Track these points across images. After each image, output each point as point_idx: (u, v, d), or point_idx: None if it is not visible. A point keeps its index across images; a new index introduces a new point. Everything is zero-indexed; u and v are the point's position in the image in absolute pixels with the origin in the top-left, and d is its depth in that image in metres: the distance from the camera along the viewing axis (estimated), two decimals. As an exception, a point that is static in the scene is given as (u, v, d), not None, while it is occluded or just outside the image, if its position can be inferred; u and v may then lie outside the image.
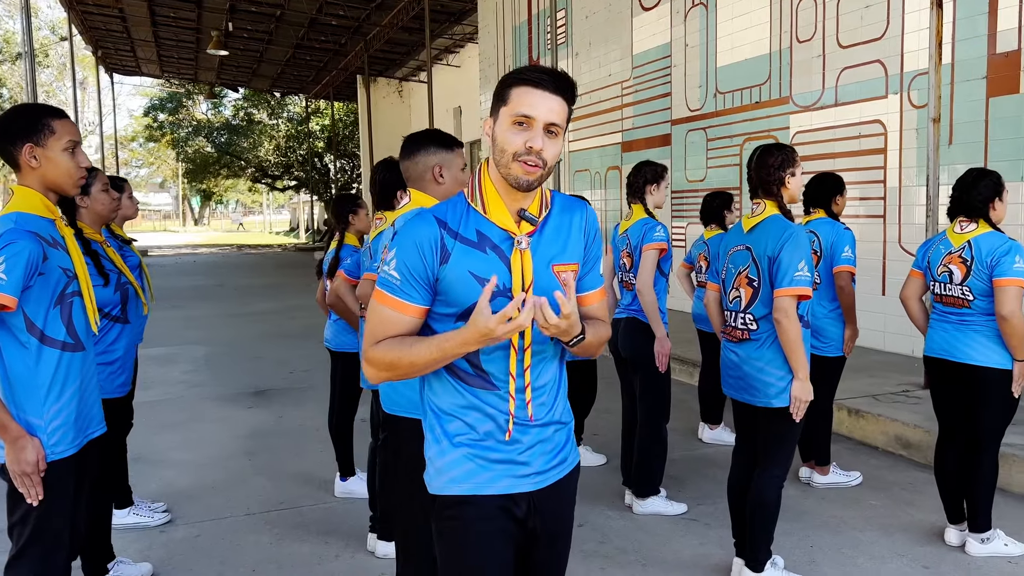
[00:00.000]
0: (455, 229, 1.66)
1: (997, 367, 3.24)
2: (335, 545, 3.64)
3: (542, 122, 1.61)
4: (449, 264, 1.64)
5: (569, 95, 1.66)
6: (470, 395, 1.68)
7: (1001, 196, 3.31)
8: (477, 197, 1.70)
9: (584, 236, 1.78)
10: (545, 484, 1.74)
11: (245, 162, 34.82)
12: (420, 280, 1.64)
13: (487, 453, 1.69)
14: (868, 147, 6.95)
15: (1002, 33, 5.78)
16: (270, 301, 13.50)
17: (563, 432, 1.79)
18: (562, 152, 1.65)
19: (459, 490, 1.69)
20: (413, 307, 1.65)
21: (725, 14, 8.71)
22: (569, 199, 1.81)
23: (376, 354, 1.65)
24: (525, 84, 1.63)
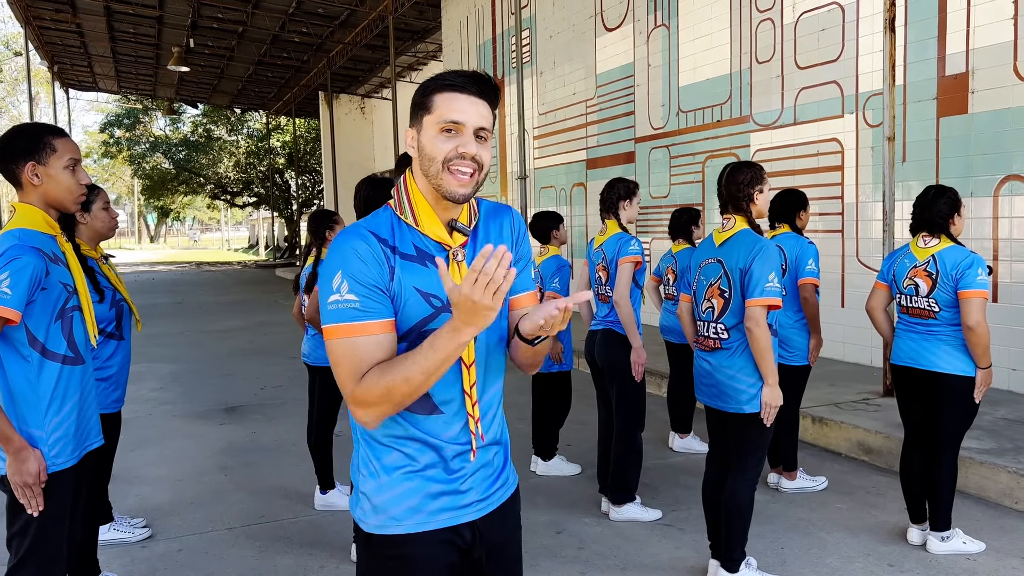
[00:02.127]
0: (392, 243, 1.55)
1: (961, 374, 3.42)
2: (319, 556, 3.68)
3: (472, 127, 1.53)
4: (393, 281, 1.52)
5: (493, 99, 1.57)
6: (409, 424, 1.55)
7: (959, 211, 3.51)
8: (407, 210, 1.58)
9: (513, 238, 1.69)
10: (488, 510, 1.64)
11: (204, 178, 34.45)
12: (380, 290, 1.50)
13: (428, 486, 1.57)
14: (826, 164, 7.22)
15: (951, 56, 6.08)
16: (235, 318, 13.40)
17: (501, 453, 1.69)
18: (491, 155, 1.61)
19: (400, 529, 1.56)
20: (383, 323, 1.49)
21: (686, 35, 8.97)
22: (494, 204, 1.72)
23: (365, 390, 1.46)
24: (450, 90, 1.53)
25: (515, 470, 1.76)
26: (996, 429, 4.83)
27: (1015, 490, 4.08)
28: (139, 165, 34.34)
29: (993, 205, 5.86)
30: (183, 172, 34.08)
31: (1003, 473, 4.14)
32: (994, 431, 4.79)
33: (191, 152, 33.64)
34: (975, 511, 4.05)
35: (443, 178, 1.52)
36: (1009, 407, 5.37)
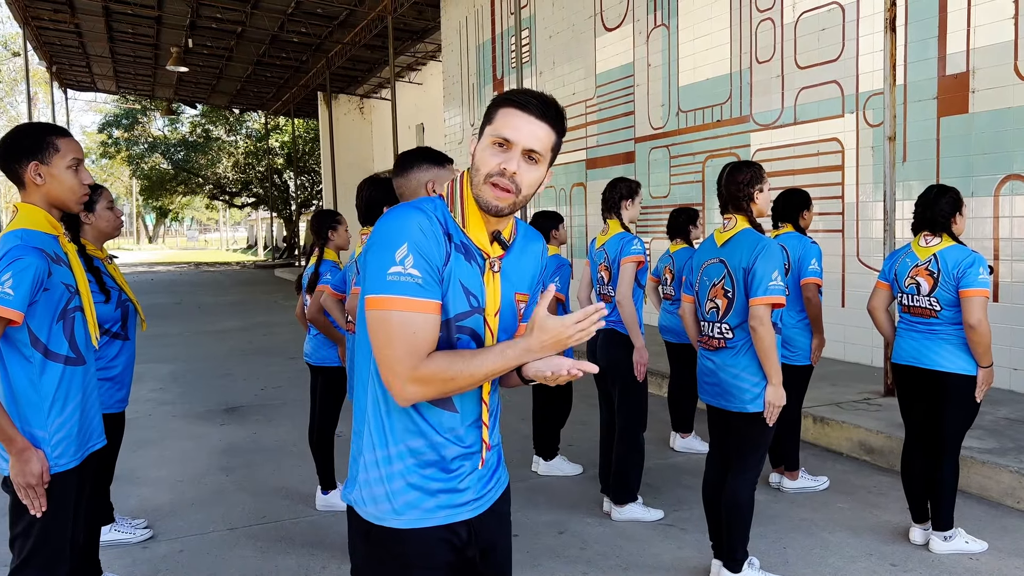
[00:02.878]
0: (448, 230, 1.56)
1: (963, 373, 3.42)
2: (321, 557, 3.67)
3: (521, 146, 1.52)
4: (448, 267, 1.52)
5: (557, 124, 1.56)
6: (420, 416, 1.56)
7: (961, 211, 3.51)
8: (458, 209, 1.58)
9: (539, 269, 1.73)
10: (482, 509, 1.66)
11: (203, 179, 34.44)
12: (439, 270, 1.50)
13: (427, 483, 1.58)
14: (826, 164, 7.22)
15: (951, 56, 6.09)
16: (234, 319, 13.38)
17: (495, 453, 1.72)
18: (540, 179, 1.58)
19: (398, 523, 1.57)
20: (438, 304, 1.50)
21: (686, 35, 8.97)
22: (530, 229, 1.75)
23: (432, 371, 1.47)
24: (511, 106, 1.54)
25: (506, 468, 1.78)
26: (998, 429, 4.83)
27: (1017, 490, 4.08)
28: (137, 165, 34.33)
29: (994, 205, 5.86)
30: (182, 172, 34.07)
31: (1005, 473, 4.14)
32: (996, 431, 4.79)
33: (190, 152, 33.63)
34: (977, 511, 4.05)
35: (482, 189, 1.54)
36: (1011, 407, 5.37)
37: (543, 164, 1.57)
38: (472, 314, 1.55)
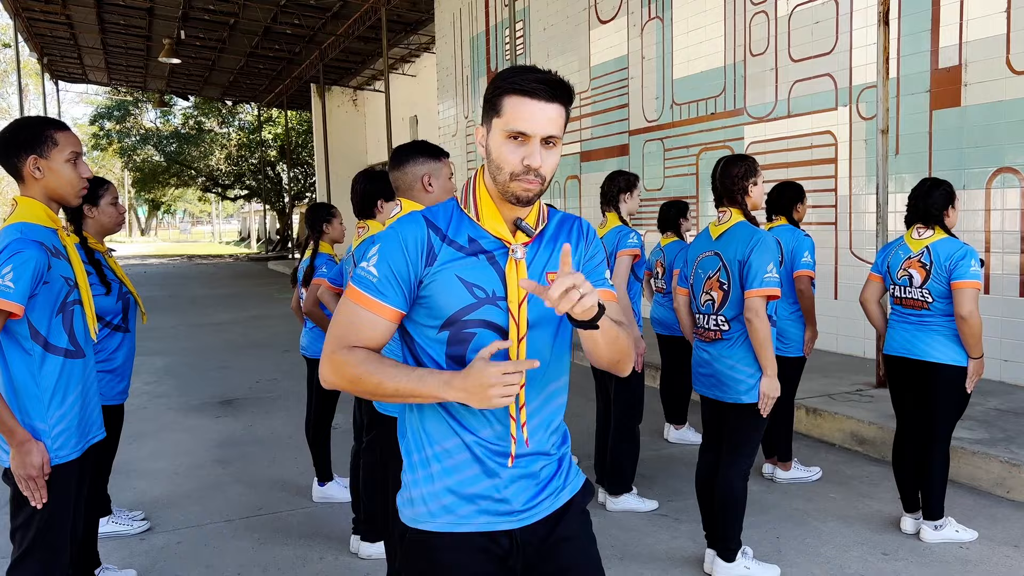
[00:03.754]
0: (444, 232, 1.57)
1: (954, 364, 3.46)
2: (318, 548, 3.70)
3: (539, 136, 1.50)
4: (435, 267, 1.54)
5: (566, 99, 1.54)
6: (451, 417, 1.56)
7: (954, 204, 3.54)
8: (471, 204, 1.60)
9: (582, 242, 1.67)
10: (528, 522, 1.59)
11: (195, 171, 34.31)
12: (401, 280, 1.53)
13: (463, 487, 1.56)
14: (819, 157, 7.25)
15: (944, 49, 6.11)
16: (229, 311, 13.37)
17: (552, 465, 1.64)
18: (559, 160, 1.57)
19: (433, 526, 1.56)
20: (389, 309, 1.53)
21: (681, 28, 8.98)
22: (567, 216, 1.70)
23: (342, 361, 1.51)
24: (519, 94, 1.49)
25: (585, 491, 1.69)
26: (988, 419, 4.88)
27: (1007, 479, 4.13)
28: (129, 158, 34.17)
29: (985, 197, 5.90)
30: (174, 165, 33.93)
31: (995, 463, 4.19)
32: (986, 421, 4.84)
33: (182, 144, 33.48)
34: (967, 500, 4.09)
35: (511, 186, 1.53)
36: (1001, 397, 5.42)
37: (558, 145, 1.55)
38: (481, 305, 1.54)
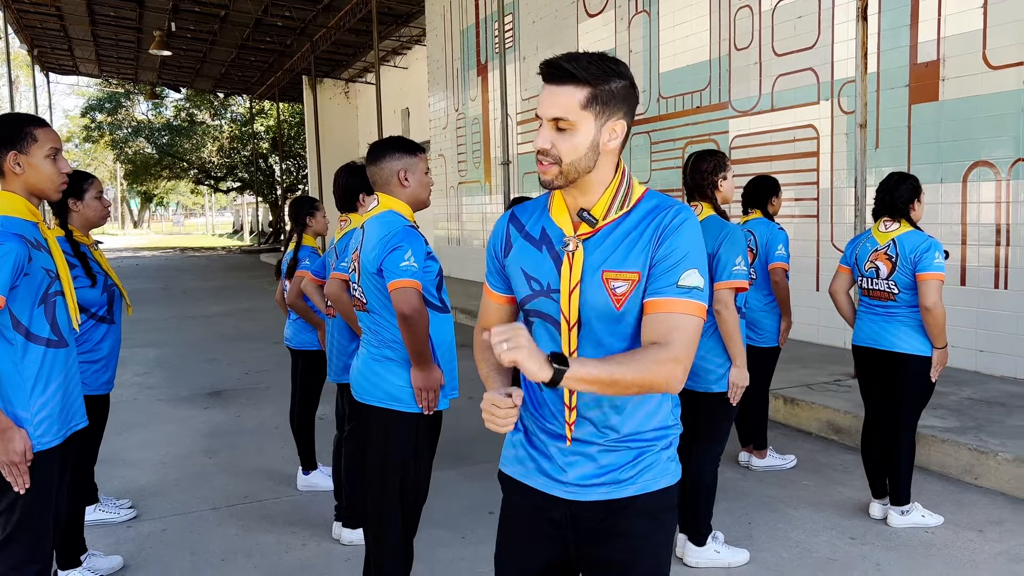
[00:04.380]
0: (524, 224, 1.68)
1: (919, 354, 3.56)
2: (301, 534, 3.78)
3: (547, 118, 1.53)
4: (508, 258, 1.69)
5: (583, 77, 1.50)
6: (530, 393, 1.70)
7: (920, 198, 3.63)
8: (551, 195, 1.67)
9: (654, 243, 1.55)
10: (581, 498, 1.61)
11: (187, 163, 34.25)
12: (496, 270, 1.73)
13: (531, 448, 1.69)
14: (802, 150, 7.34)
15: (922, 44, 6.20)
16: (220, 304, 13.42)
17: (616, 454, 1.61)
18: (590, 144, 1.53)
19: (507, 470, 1.75)
20: (494, 294, 1.75)
21: (667, 22, 9.04)
22: (664, 202, 1.60)
23: (475, 343, 1.79)
24: (541, 77, 1.55)
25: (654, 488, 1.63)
26: (961, 408, 4.99)
27: (975, 466, 4.23)
28: (121, 150, 34.10)
29: (962, 191, 6.00)
30: (166, 157, 33.87)
31: (964, 450, 4.29)
32: (959, 410, 4.94)
33: (174, 137, 33.42)
34: (936, 487, 4.20)
35: (538, 169, 1.59)
36: (975, 387, 5.52)
37: (578, 127, 1.52)
38: (536, 297, 1.62)
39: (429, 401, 2.73)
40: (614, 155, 1.59)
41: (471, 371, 7.45)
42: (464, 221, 15.08)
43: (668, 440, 1.68)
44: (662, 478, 1.64)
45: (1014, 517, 3.78)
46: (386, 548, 2.81)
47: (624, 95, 1.55)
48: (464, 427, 5.44)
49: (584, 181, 1.57)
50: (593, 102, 1.52)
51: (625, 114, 1.57)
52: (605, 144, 1.55)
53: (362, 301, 2.81)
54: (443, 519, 3.90)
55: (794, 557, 3.43)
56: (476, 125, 14.16)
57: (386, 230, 2.70)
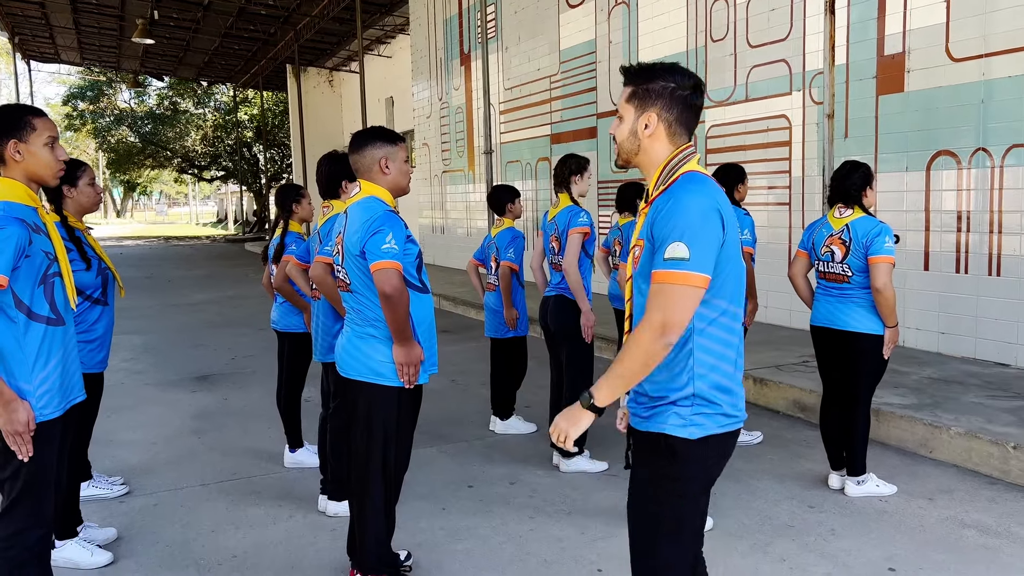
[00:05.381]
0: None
1: (872, 333, 3.77)
2: (288, 507, 3.95)
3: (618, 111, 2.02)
4: None
5: (628, 79, 1.98)
6: None
7: (871, 185, 3.83)
8: None
9: (654, 216, 1.87)
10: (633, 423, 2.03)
11: (171, 152, 34.11)
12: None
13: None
14: (775, 140, 7.54)
15: (889, 37, 6.40)
16: (206, 292, 13.52)
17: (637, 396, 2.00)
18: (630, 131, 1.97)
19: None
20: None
21: (645, 13, 9.21)
22: (687, 183, 1.87)
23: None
24: None
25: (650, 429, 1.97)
26: (920, 387, 5.22)
27: (929, 440, 4.46)
28: (104, 138, 33.88)
29: (926, 179, 6.22)
30: (149, 146, 33.69)
31: (920, 425, 4.52)
32: (918, 389, 5.17)
33: (157, 125, 33.25)
34: (894, 460, 4.42)
35: None
36: (936, 367, 5.76)
37: (624, 117, 1.98)
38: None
39: (410, 375, 2.90)
40: (657, 141, 1.95)
41: (453, 355, 7.75)
42: (448, 210, 15.22)
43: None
44: (663, 422, 1.95)
45: (962, 486, 4.01)
46: (370, 515, 2.99)
47: (660, 93, 1.93)
48: (444, 408, 5.64)
49: (640, 163, 1.99)
50: (633, 97, 1.96)
51: (662, 108, 1.94)
52: (642, 132, 1.95)
53: (346, 282, 2.98)
54: (425, 492, 4.09)
55: (755, 524, 3.64)
56: (460, 114, 14.29)
57: (368, 215, 2.86)
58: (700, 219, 1.80)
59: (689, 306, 1.80)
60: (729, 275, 1.89)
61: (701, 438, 1.90)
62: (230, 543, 3.57)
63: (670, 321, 1.78)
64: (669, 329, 1.79)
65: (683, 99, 1.93)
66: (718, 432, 1.92)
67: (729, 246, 1.86)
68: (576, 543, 3.48)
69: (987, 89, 5.74)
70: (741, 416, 1.97)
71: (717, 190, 1.89)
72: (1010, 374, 5.52)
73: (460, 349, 7.74)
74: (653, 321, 1.80)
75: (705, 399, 1.90)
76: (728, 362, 1.93)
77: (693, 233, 1.79)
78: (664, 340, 1.79)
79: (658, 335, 1.79)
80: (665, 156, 1.95)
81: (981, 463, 4.18)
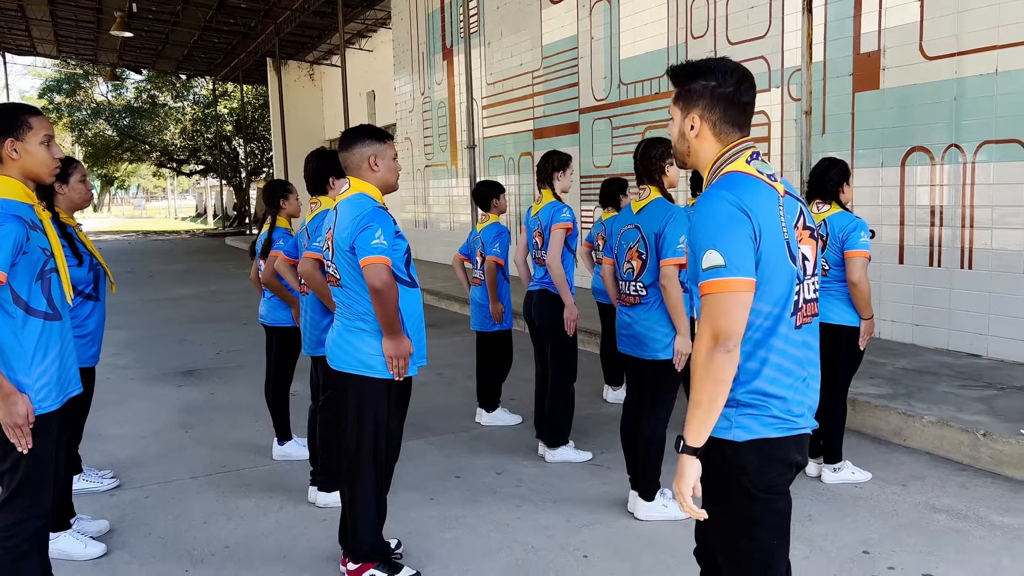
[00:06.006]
0: None
1: (848, 324, 3.89)
2: (278, 499, 4.02)
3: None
4: None
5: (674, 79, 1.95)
6: None
7: (848, 181, 3.95)
8: None
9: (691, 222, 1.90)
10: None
11: (149, 146, 33.79)
12: None
13: None
14: (755, 135, 7.62)
15: (865, 35, 6.53)
16: (187, 287, 13.48)
17: None
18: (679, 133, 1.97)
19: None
20: None
21: (627, 9, 9.30)
22: (719, 186, 1.86)
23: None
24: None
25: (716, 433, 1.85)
26: (895, 377, 5.36)
27: (903, 429, 4.59)
28: (80, 132, 33.50)
29: (900, 174, 6.36)
30: (127, 139, 33.37)
31: (894, 415, 4.65)
32: (893, 379, 5.32)
33: (135, 119, 32.92)
34: (869, 448, 4.56)
35: None
36: (910, 358, 5.91)
37: (673, 118, 1.97)
38: None
39: (400, 368, 2.98)
40: (705, 141, 1.94)
41: (438, 349, 7.79)
42: (431, 204, 15.26)
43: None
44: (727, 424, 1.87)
45: (935, 473, 4.15)
46: (361, 504, 3.07)
47: (701, 93, 1.91)
48: (431, 401, 5.72)
49: (693, 164, 1.98)
50: (678, 99, 1.95)
51: (704, 108, 1.91)
52: (688, 132, 1.94)
53: (336, 277, 3.04)
54: (414, 483, 4.16)
55: (735, 510, 3.75)
56: (442, 109, 14.33)
57: (358, 211, 2.93)
58: (727, 223, 1.76)
59: (738, 313, 1.75)
60: (769, 276, 1.81)
61: (750, 441, 1.84)
62: (222, 534, 3.63)
63: (720, 331, 1.74)
64: (723, 338, 1.74)
65: (726, 97, 1.88)
66: (771, 436, 1.84)
67: (766, 247, 1.78)
68: (562, 530, 3.57)
69: (959, 87, 5.88)
70: (795, 421, 1.87)
71: (751, 190, 1.81)
72: (982, 364, 5.68)
73: (445, 343, 7.81)
74: (703, 335, 1.76)
75: (748, 403, 1.84)
76: (772, 366, 1.84)
77: (722, 238, 1.75)
78: (721, 349, 1.74)
79: (712, 346, 1.75)
80: (713, 155, 1.92)
81: (952, 450, 4.33)
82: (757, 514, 1.88)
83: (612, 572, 3.19)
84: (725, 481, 1.87)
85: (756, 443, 1.84)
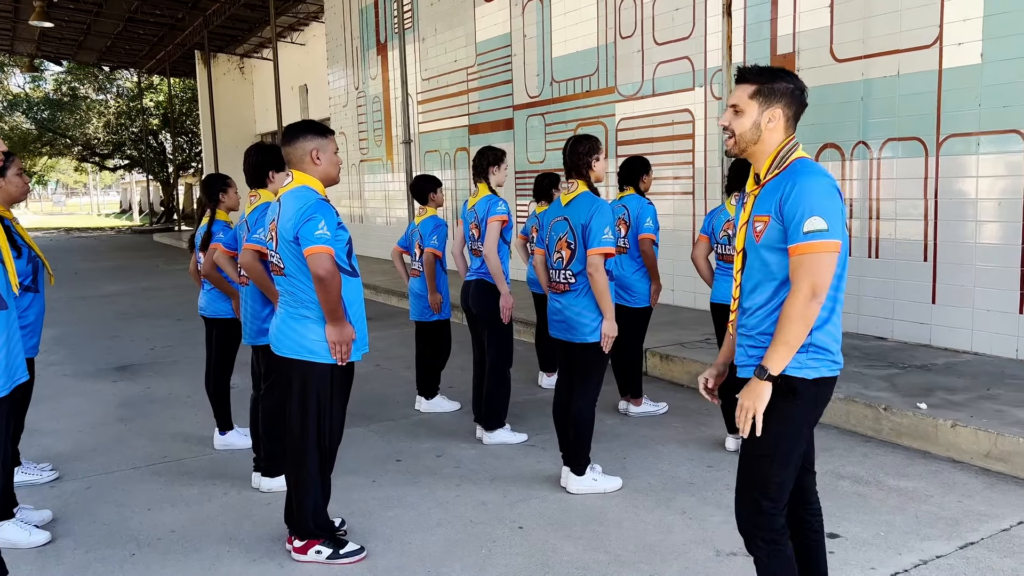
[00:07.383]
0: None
1: None
2: (222, 486, 4.11)
3: (728, 105, 2.27)
4: None
5: (750, 79, 2.20)
6: None
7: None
8: None
9: (778, 204, 2.15)
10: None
11: (70, 140, 32.66)
12: None
13: None
14: (680, 133, 8.00)
15: (781, 38, 6.91)
16: (117, 283, 13.22)
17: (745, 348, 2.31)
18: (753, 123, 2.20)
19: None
20: None
21: (558, 9, 9.54)
22: (805, 168, 2.17)
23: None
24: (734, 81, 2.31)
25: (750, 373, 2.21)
26: (808, 360, 5.72)
27: (814, 406, 4.94)
28: (-5, 125, 32.15)
29: (814, 170, 6.75)
30: (46, 133, 32.17)
31: (806, 393, 5.00)
32: (806, 361, 5.67)
33: (55, 111, 31.76)
34: (783, 424, 4.88)
35: None
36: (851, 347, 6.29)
37: (746, 111, 2.20)
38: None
39: (343, 353, 3.13)
40: (775, 133, 2.22)
41: (376, 341, 7.91)
42: (367, 199, 15.28)
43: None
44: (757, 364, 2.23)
45: (841, 444, 4.50)
46: (306, 484, 3.21)
47: (783, 92, 2.21)
48: (370, 391, 5.86)
49: (753, 152, 2.24)
50: (757, 94, 2.21)
51: (785, 105, 2.21)
52: (765, 125, 2.21)
53: (280, 267, 3.17)
54: (355, 467, 4.31)
55: (659, 482, 4.02)
56: (377, 103, 14.36)
57: (301, 203, 3.07)
58: (828, 195, 2.11)
59: (831, 270, 2.11)
60: (843, 244, 2.18)
61: (816, 379, 2.18)
62: (167, 519, 3.71)
63: (819, 284, 2.09)
64: (819, 291, 2.09)
65: (800, 98, 2.23)
66: (828, 375, 2.20)
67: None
68: (499, 505, 3.78)
69: (866, 87, 6.30)
70: (841, 363, 2.24)
71: (829, 174, 2.21)
72: (887, 346, 6.11)
73: (383, 335, 7.93)
74: (803, 288, 2.09)
75: (818, 347, 2.17)
76: (837, 316, 2.21)
77: (824, 207, 2.09)
78: (816, 302, 2.09)
79: (810, 299, 2.09)
80: (776, 145, 2.21)
81: (857, 424, 4.69)
82: (796, 448, 2.24)
83: (546, 540, 3.40)
84: (786, 414, 2.20)
85: (819, 381, 2.20)
